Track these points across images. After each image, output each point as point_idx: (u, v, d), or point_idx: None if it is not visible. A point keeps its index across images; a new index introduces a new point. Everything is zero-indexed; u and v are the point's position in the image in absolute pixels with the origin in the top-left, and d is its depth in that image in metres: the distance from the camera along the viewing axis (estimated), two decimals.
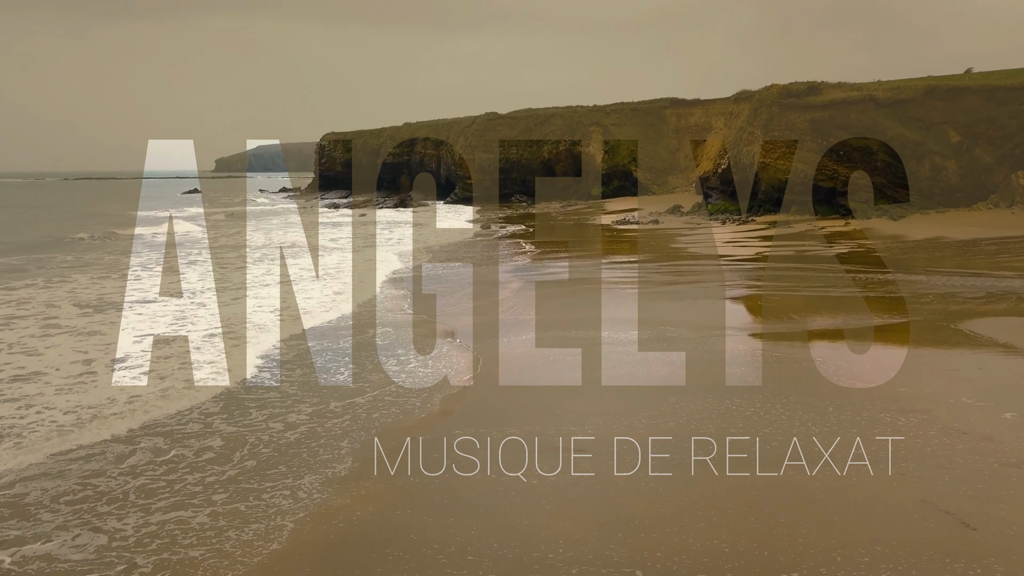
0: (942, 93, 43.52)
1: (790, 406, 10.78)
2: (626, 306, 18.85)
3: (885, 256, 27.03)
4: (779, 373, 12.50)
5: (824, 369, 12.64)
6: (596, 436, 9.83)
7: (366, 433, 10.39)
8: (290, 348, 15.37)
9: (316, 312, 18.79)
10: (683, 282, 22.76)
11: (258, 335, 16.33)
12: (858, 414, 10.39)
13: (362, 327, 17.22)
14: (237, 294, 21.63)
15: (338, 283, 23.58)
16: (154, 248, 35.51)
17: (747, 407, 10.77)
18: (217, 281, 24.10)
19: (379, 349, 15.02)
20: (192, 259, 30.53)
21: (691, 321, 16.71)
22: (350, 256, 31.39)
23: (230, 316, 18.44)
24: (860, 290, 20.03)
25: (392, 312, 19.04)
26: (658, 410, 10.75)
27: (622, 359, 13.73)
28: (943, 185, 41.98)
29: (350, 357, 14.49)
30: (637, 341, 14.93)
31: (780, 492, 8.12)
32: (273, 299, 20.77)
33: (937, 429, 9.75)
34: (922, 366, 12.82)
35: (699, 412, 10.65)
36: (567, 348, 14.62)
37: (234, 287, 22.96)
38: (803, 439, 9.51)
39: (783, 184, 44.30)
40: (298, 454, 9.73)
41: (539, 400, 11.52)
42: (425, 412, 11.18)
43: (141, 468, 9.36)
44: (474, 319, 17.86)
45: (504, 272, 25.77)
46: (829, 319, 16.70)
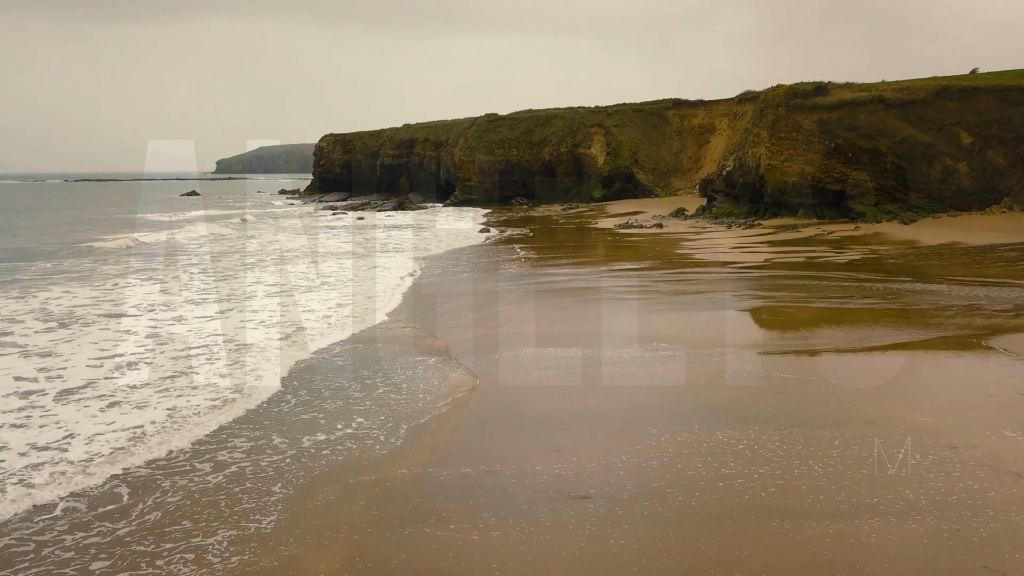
0: (953, 93, 42.40)
1: (797, 440, 9.67)
2: (629, 320, 17.76)
3: (900, 263, 25.92)
4: (787, 399, 11.40)
5: (841, 395, 11.54)
6: (565, 478, 8.74)
7: (306, 476, 9.12)
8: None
9: (310, 332, 17.67)
10: (690, 292, 21.66)
11: (237, 357, 15.23)
12: (889, 450, 9.29)
13: (352, 345, 16.15)
14: (225, 306, 20.51)
15: (332, 294, 22.52)
16: (139, 255, 34.47)
17: (751, 439, 9.66)
18: (201, 292, 22.99)
19: (363, 369, 13.94)
20: (180, 266, 29.49)
21: (698, 337, 15.61)
22: (345, 263, 30.33)
23: (213, 332, 17.36)
24: (878, 301, 18.92)
25: (384, 328, 17.96)
26: (643, 444, 9.66)
27: (623, 381, 12.64)
28: (955, 188, 40.89)
29: (325, 377, 13.41)
30: (639, 361, 13.84)
31: (790, 557, 7.03)
32: (263, 314, 19.68)
33: (987, 469, 8.64)
34: (955, 391, 11.72)
35: (686, 447, 9.54)
36: (559, 371, 13.54)
37: (219, 299, 21.84)
38: (815, 482, 8.42)
39: (790, 187, 43.20)
40: (215, 502, 8.43)
41: (518, 435, 10.44)
42: (388, 449, 10.03)
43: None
44: (470, 334, 16.78)
45: (502, 282, 24.69)
46: (845, 335, 15.60)
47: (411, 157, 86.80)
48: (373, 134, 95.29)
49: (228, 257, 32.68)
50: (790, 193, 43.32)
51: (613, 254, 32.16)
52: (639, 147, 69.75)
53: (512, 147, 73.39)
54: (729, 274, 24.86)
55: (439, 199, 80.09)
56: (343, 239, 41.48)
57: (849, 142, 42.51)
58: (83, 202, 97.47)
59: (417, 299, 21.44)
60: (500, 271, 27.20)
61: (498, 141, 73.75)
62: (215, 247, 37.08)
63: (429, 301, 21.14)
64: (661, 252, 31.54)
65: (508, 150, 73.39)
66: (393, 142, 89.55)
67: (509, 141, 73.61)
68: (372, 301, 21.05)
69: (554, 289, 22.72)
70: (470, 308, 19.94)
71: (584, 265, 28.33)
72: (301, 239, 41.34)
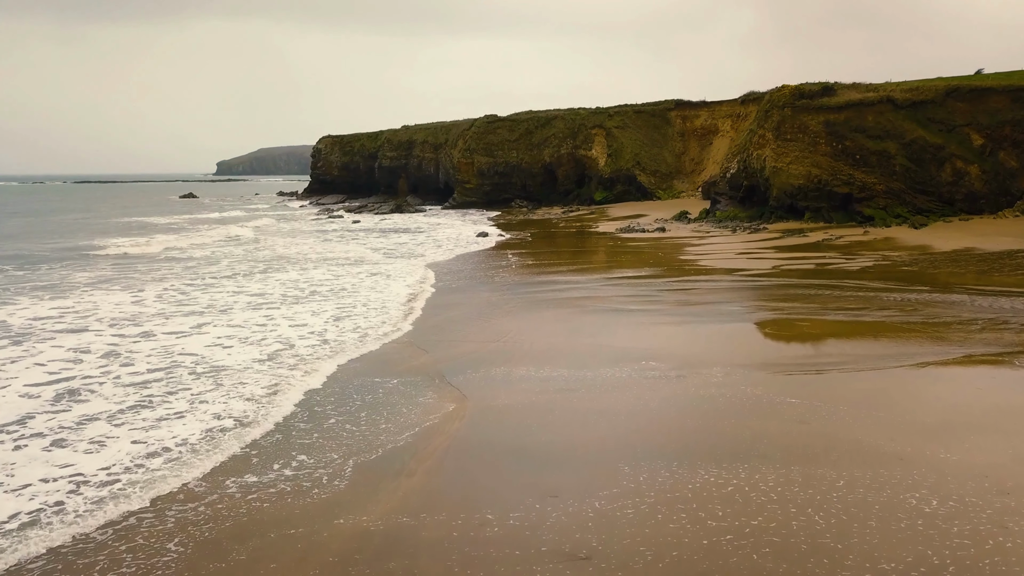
0: (964, 94, 41.28)
1: (796, 480, 8.56)
2: (631, 335, 16.67)
3: (914, 271, 24.81)
4: (793, 429, 10.28)
5: (855, 423, 10.43)
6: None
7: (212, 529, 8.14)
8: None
9: (292, 357, 16.51)
10: (696, 302, 20.55)
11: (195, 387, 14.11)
12: (911, 495, 8.16)
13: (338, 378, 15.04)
14: (201, 320, 19.38)
15: (323, 307, 21.44)
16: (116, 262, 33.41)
17: (754, 480, 8.55)
18: (178, 303, 21.88)
19: (331, 388, 12.85)
20: (159, 274, 28.43)
21: (704, 355, 14.51)
22: (337, 270, 29.25)
23: (182, 352, 16.26)
24: (895, 314, 17.81)
25: (363, 345, 16.87)
26: (618, 487, 8.56)
27: (625, 406, 11.54)
28: (966, 191, 39.76)
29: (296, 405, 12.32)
30: (642, 384, 12.74)
31: None
32: (244, 329, 18.57)
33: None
34: (996, 420, 10.60)
35: (670, 489, 8.44)
36: (556, 394, 12.45)
37: (196, 311, 20.73)
38: (824, 546, 7.31)
39: (796, 190, 42.08)
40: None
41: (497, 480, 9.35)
42: (341, 493, 8.98)
43: None
44: (461, 351, 15.68)
45: (499, 292, 23.60)
46: (861, 352, 14.49)
47: (410, 159, 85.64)
48: (371, 135, 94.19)
49: (213, 264, 31.58)
50: (796, 196, 42.21)
51: (615, 260, 31.05)
52: (641, 149, 68.63)
53: (512, 149, 72.23)
54: (736, 283, 23.75)
55: (438, 201, 78.97)
56: (335, 244, 40.42)
57: (857, 144, 41.41)
58: (75, 205, 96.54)
59: (404, 312, 20.34)
60: (497, 280, 26.11)
61: (497, 143, 72.59)
62: (199, 252, 35.94)
63: (418, 313, 20.05)
64: (664, 258, 30.43)
65: (508, 152, 72.23)
66: (391, 144, 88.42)
67: (509, 143, 72.45)
68: (353, 318, 19.96)
69: (553, 299, 21.62)
70: (464, 321, 18.84)
71: (585, 272, 27.24)
72: (291, 244, 40.27)
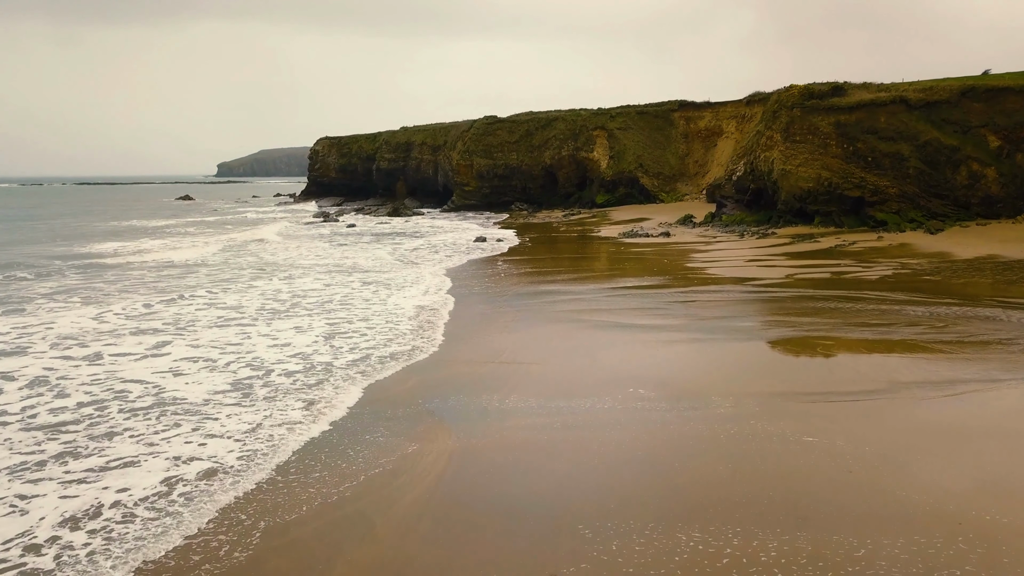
0: (980, 94, 39.75)
1: (803, 548, 7.07)
2: (637, 357, 15.19)
3: (937, 280, 23.29)
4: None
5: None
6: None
7: None
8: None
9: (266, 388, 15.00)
10: (706, 316, 19.04)
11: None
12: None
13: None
14: (165, 338, 17.89)
15: (296, 325, 19.99)
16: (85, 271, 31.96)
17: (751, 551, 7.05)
18: (143, 317, 20.40)
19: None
20: (130, 284, 26.98)
21: (717, 383, 13.02)
22: (326, 279, 27.78)
23: (130, 379, 14.77)
24: (926, 331, 16.30)
25: (329, 370, 15.38)
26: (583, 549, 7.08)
27: (632, 452, 10.07)
28: (982, 194, 38.25)
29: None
30: (647, 420, 11.26)
31: None
32: (211, 350, 17.10)
33: None
34: None
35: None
36: (555, 431, 10.98)
37: (159, 328, 19.25)
38: None
39: (806, 193, 40.60)
40: None
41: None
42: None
43: None
44: (447, 374, 14.21)
45: (495, 305, 22.10)
46: (891, 375, 12.99)
47: (408, 161, 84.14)
48: (369, 137, 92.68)
49: (191, 273, 30.10)
50: (806, 200, 40.74)
51: (618, 268, 29.54)
52: (643, 151, 67.10)
53: (511, 151, 70.70)
54: (748, 294, 22.24)
55: (437, 204, 77.51)
56: (326, 250, 38.97)
57: (869, 146, 39.94)
58: (66, 209, 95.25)
59: (389, 329, 18.85)
60: (494, 290, 24.62)
61: (497, 144, 71.08)
62: (179, 256, 34.30)
63: (405, 329, 18.56)
64: (670, 266, 28.92)
65: (507, 154, 70.71)
66: (390, 145, 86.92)
67: (508, 144, 70.93)
68: (334, 338, 18.49)
69: (553, 312, 20.12)
70: (457, 338, 17.36)
71: (587, 281, 25.74)
72: (279, 250, 38.81)
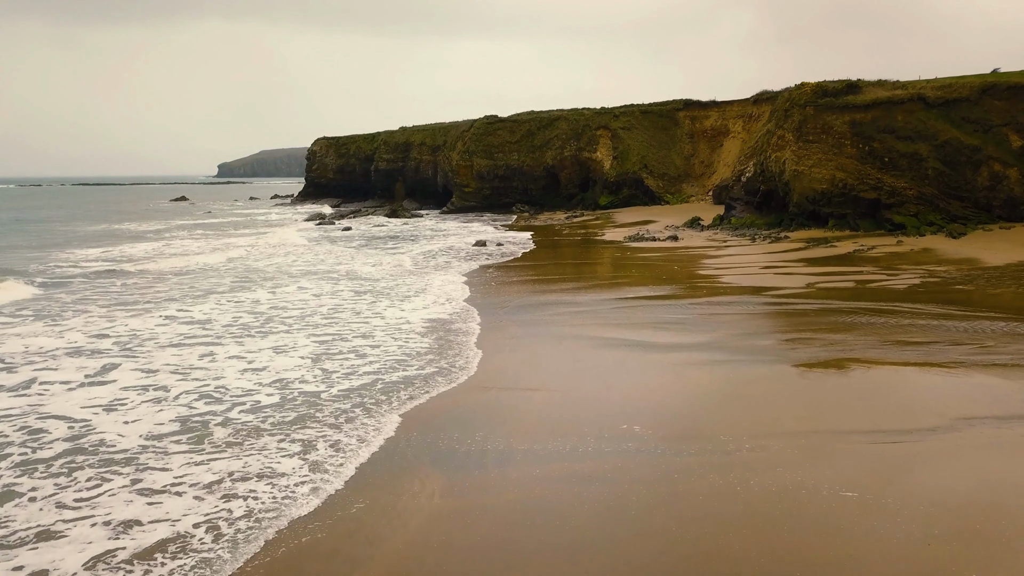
0: (1001, 91, 38.03)
1: None
2: (656, 387, 13.51)
3: (971, 291, 21.60)
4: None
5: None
6: None
7: None
8: None
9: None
10: (726, 332, 17.33)
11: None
12: None
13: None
14: (113, 360, 16.06)
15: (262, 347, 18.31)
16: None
17: None
18: (97, 335, 18.68)
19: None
20: (96, 294, 25.30)
21: (751, 423, 11.33)
22: (317, 287, 26.11)
23: (50, 414, 13.04)
24: (976, 350, 14.61)
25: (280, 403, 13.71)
26: None
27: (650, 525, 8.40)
28: (1004, 196, 36.55)
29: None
30: (669, 476, 9.58)
31: None
32: (163, 375, 15.37)
33: None
34: None
35: None
36: (546, 492, 9.31)
37: (105, 349, 17.48)
38: None
39: (819, 195, 38.95)
40: None
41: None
42: None
43: None
44: (438, 407, 12.55)
45: (492, 317, 20.40)
46: (963, 410, 11.30)
47: (407, 161, 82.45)
48: (367, 137, 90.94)
49: (161, 281, 28.39)
50: (819, 202, 39.08)
51: (625, 275, 27.84)
52: (648, 151, 65.41)
53: (512, 151, 68.98)
54: (768, 306, 20.54)
55: (436, 205, 75.86)
56: (316, 255, 37.31)
57: (885, 145, 38.27)
58: (58, 213, 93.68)
59: (373, 347, 17.18)
60: (492, 300, 22.94)
61: (498, 144, 69.38)
62: (154, 266, 32.23)
63: (392, 347, 16.89)
64: (681, 273, 27.23)
65: (508, 154, 69.00)
66: (388, 146, 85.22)
67: (509, 144, 69.22)
68: (317, 361, 16.82)
69: (557, 327, 18.44)
70: (448, 358, 15.69)
71: (593, 290, 24.06)
72: (267, 255, 37.15)
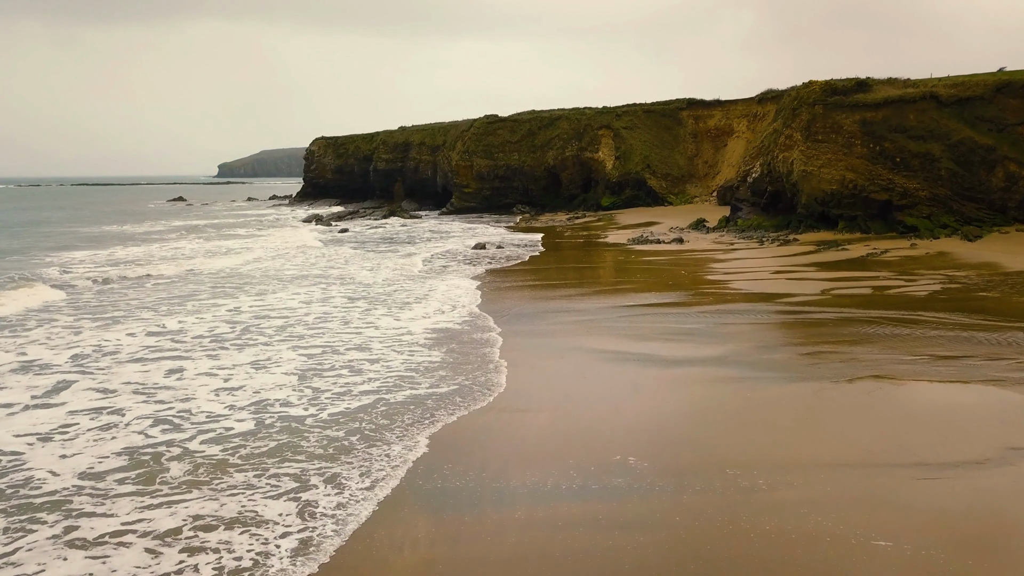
0: (1017, 89, 36.93)
1: None
2: (655, 407, 12.41)
3: (996, 297, 20.50)
4: None
5: None
6: None
7: None
8: None
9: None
10: (735, 345, 16.24)
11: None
12: None
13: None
14: (66, 378, 15.02)
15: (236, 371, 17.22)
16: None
17: None
18: (54, 349, 17.60)
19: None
20: (66, 302, 24.24)
21: (764, 449, 10.25)
22: (300, 298, 25.04)
23: None
24: (1016, 367, 13.51)
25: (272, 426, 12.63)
26: None
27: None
28: (1020, 197, 35.44)
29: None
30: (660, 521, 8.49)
31: None
32: (107, 416, 14.25)
33: None
34: None
35: None
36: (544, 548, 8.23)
37: (64, 369, 16.41)
38: None
39: (828, 196, 37.87)
40: None
41: None
42: None
43: None
44: (427, 433, 11.47)
45: (490, 330, 19.32)
46: (1002, 439, 10.22)
47: (406, 162, 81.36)
48: (366, 137, 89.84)
49: (137, 287, 27.27)
50: (828, 203, 38.01)
51: (631, 281, 26.74)
52: (651, 151, 64.30)
53: (513, 151, 67.87)
54: (782, 315, 19.45)
55: (436, 206, 74.78)
56: (309, 259, 36.24)
57: (897, 145, 37.17)
58: (55, 216, 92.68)
59: (360, 362, 16.10)
60: (490, 308, 21.84)
61: (498, 144, 68.28)
62: (134, 273, 30.91)
63: (378, 364, 15.82)
64: (688, 279, 26.14)
65: (509, 154, 67.89)
66: (387, 146, 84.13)
67: (510, 144, 68.12)
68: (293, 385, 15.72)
69: (562, 338, 17.36)
70: (442, 377, 14.61)
71: (597, 296, 22.98)
72: (258, 259, 36.08)
